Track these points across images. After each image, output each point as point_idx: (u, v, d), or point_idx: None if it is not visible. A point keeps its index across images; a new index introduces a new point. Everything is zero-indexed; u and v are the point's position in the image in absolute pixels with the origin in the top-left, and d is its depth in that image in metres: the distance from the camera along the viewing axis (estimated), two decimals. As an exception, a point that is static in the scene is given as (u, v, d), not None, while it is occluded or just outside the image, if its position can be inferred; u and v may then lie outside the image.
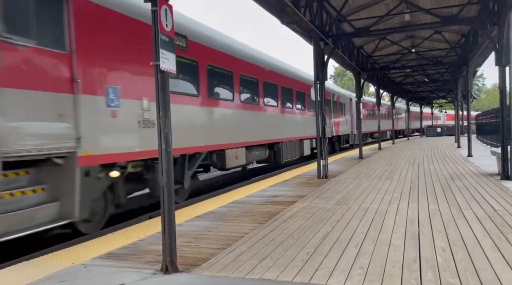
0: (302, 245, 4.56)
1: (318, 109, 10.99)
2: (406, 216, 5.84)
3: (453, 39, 17.17)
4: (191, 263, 4.08)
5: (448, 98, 44.62)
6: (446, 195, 7.41)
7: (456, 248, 4.25)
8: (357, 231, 5.08)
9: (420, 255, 4.06)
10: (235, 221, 5.92)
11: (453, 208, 6.25)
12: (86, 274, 3.89)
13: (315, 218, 5.93)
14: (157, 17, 3.79)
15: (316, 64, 11.20)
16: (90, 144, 5.91)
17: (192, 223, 5.88)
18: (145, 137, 7.07)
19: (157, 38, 3.80)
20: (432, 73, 26.44)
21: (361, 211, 6.30)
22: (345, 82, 72.17)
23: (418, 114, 47.31)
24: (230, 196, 8.17)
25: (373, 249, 4.31)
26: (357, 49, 17.75)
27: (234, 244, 4.69)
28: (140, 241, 5.02)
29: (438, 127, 43.40)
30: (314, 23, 10.87)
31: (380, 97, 25.22)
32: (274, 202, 7.32)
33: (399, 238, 4.71)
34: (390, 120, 30.62)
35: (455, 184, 8.74)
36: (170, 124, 3.96)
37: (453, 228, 5.06)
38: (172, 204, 3.96)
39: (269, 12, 10.73)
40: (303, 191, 8.47)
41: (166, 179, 3.90)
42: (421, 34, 16.78)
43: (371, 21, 12.70)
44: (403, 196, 7.44)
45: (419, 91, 36.05)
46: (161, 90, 3.89)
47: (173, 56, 4.01)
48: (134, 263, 4.15)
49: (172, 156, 3.97)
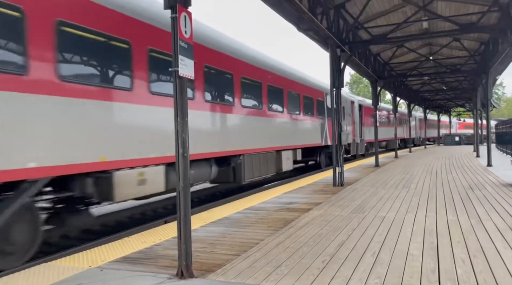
0: (317, 253, 4.52)
1: (334, 116, 10.94)
2: (424, 225, 5.74)
3: (472, 46, 16.93)
4: (206, 269, 4.08)
5: (467, 107, 43.91)
6: (465, 205, 7.26)
7: (476, 260, 4.15)
8: (373, 240, 5.01)
9: (439, 266, 3.98)
10: (250, 228, 5.91)
11: (473, 219, 6.12)
12: (102, 277, 3.92)
13: (330, 226, 5.87)
14: (177, 24, 3.84)
15: (333, 71, 11.17)
16: None
17: (207, 229, 5.89)
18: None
19: (176, 45, 3.85)
20: (450, 81, 26.08)
21: (378, 219, 6.22)
22: (361, 89, 71.72)
23: (424, 121, 45.00)
24: (245, 202, 8.16)
25: (390, 259, 4.24)
26: (374, 56, 17.64)
27: (249, 251, 4.67)
28: (155, 245, 5.05)
29: (456, 136, 42.70)
30: (331, 30, 10.86)
31: (396, 105, 24.97)
32: (289, 209, 7.28)
33: (417, 248, 4.63)
34: (395, 127, 28.27)
35: (474, 194, 8.57)
36: (188, 129, 3.99)
37: (473, 239, 4.95)
38: (188, 210, 3.98)
39: (286, 19, 10.76)
40: (319, 199, 8.41)
41: (182, 184, 3.92)
42: (439, 41, 16.60)
43: (389, 29, 12.63)
44: (420, 206, 7.32)
45: (437, 99, 35.59)
46: (179, 96, 3.93)
47: (192, 63, 4.05)
48: (150, 268, 4.17)
49: (188, 160, 3.99)
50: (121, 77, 6.69)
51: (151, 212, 9.97)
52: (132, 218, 9.41)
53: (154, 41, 7.41)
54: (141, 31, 7.10)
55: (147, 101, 7.10)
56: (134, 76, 6.87)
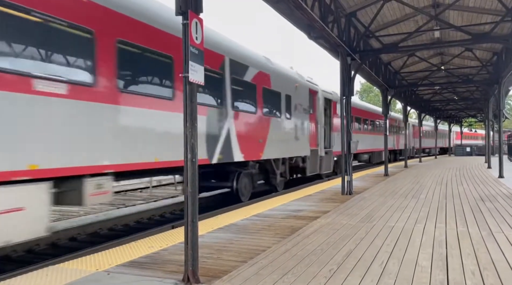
0: (325, 262, 4.48)
1: (344, 124, 10.90)
2: (433, 236, 5.66)
3: (485, 57, 16.80)
4: (213, 275, 4.07)
5: (479, 117, 43.46)
6: (475, 217, 7.15)
7: (487, 272, 4.08)
8: (381, 250, 4.96)
9: (448, 278, 3.91)
10: (257, 235, 5.88)
11: (484, 231, 6.02)
12: (109, 281, 3.93)
13: (338, 234, 5.82)
14: (188, 30, 3.87)
15: (343, 79, 11.15)
16: None
17: (214, 235, 5.88)
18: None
19: (187, 51, 3.88)
20: (462, 91, 25.86)
21: (386, 229, 6.16)
22: (371, 98, 71.45)
23: (423, 129, 39.06)
24: (252, 209, 8.15)
25: (398, 269, 4.19)
26: (385, 65, 17.59)
27: (256, 258, 4.65)
28: (162, 250, 5.05)
29: (467, 146, 42.22)
30: (342, 39, 10.86)
31: (407, 114, 24.81)
32: (296, 217, 7.24)
33: (426, 259, 4.56)
34: (391, 136, 26.22)
35: (485, 205, 8.44)
36: (197, 135, 4.00)
37: (483, 251, 4.87)
38: (196, 215, 3.98)
39: (297, 27, 10.79)
40: (327, 207, 8.35)
41: (190, 189, 3.93)
42: (451, 51, 16.50)
43: (400, 37, 12.59)
44: (430, 216, 7.23)
45: (448, 109, 35.28)
46: (189, 101, 3.96)
47: (202, 69, 4.08)
48: (157, 273, 4.17)
49: (197, 166, 4.00)
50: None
51: (158, 217, 10.00)
52: (139, 222, 9.45)
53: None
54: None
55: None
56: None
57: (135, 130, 6.80)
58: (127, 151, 6.59)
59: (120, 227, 8.89)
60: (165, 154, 7.36)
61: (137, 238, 6.70)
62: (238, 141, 9.99)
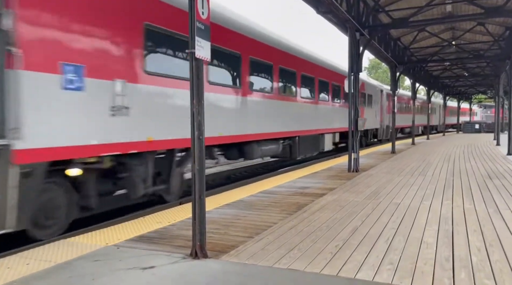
0: (330, 238, 4.52)
1: (351, 101, 10.81)
2: (439, 213, 5.68)
3: (497, 31, 16.39)
4: (220, 250, 4.13)
5: (489, 94, 42.81)
6: (483, 194, 7.14)
7: (492, 249, 4.10)
8: (387, 227, 4.99)
9: (453, 254, 3.94)
10: (264, 211, 5.94)
11: (490, 208, 6.03)
12: (118, 255, 4.01)
13: (344, 211, 5.86)
14: (194, 4, 3.80)
15: (351, 55, 10.98)
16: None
17: (221, 211, 5.95)
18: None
19: (193, 26, 3.82)
20: (472, 67, 25.40)
21: (392, 206, 6.18)
22: (379, 74, 70.50)
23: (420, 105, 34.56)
24: (260, 186, 8.20)
25: (404, 246, 4.22)
26: (394, 40, 17.26)
27: (262, 233, 4.71)
28: (170, 226, 5.13)
29: (476, 123, 41.78)
30: (350, 13, 10.62)
31: (416, 91, 24.49)
32: (303, 194, 7.29)
33: (432, 235, 4.59)
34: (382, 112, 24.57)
35: (492, 183, 8.41)
36: (203, 112, 3.99)
37: (490, 228, 4.88)
38: (203, 191, 4.01)
39: (304, 1, 10.57)
40: (333, 184, 8.38)
41: (198, 166, 3.95)
42: (462, 26, 16.12)
43: (410, 12, 12.29)
44: (436, 193, 7.24)
45: (457, 85, 34.73)
46: (195, 78, 3.92)
47: (208, 44, 4.02)
48: (165, 247, 4.24)
49: (204, 143, 4.01)
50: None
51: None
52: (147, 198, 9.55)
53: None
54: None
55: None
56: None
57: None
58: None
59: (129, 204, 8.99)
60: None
61: (145, 213, 6.79)
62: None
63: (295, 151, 12.83)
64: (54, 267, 3.68)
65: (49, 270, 3.61)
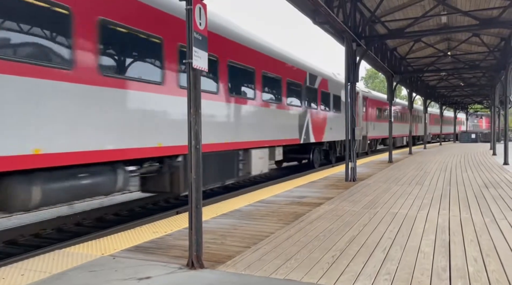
0: (327, 248, 4.51)
1: (348, 111, 10.87)
2: (436, 223, 5.68)
3: (492, 42, 16.57)
4: (216, 260, 4.11)
5: (485, 104, 43.08)
6: (479, 204, 7.15)
7: (489, 259, 4.10)
8: (384, 236, 4.98)
9: (450, 264, 3.94)
10: (261, 221, 5.93)
11: (487, 217, 6.03)
12: (114, 265, 3.99)
13: (341, 221, 5.85)
14: (191, 15, 3.84)
15: (348, 65, 11.06)
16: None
17: (218, 221, 5.93)
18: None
19: (190, 37, 3.85)
20: (468, 77, 25.60)
21: (389, 216, 6.18)
22: (376, 84, 70.88)
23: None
24: (257, 195, 8.19)
25: (401, 255, 4.21)
26: (390, 51, 17.41)
27: (259, 243, 4.70)
28: (167, 235, 5.11)
29: (472, 133, 41.98)
30: (347, 24, 10.73)
31: (412, 101, 24.62)
32: (300, 203, 7.28)
33: (429, 245, 4.59)
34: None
35: (489, 192, 8.43)
36: (200, 121, 4.00)
37: (486, 238, 4.89)
38: (200, 201, 4.01)
39: (301, 12, 10.68)
40: (330, 193, 8.38)
41: (194, 176, 3.95)
42: (458, 36, 16.28)
43: (406, 23, 12.43)
44: (433, 203, 7.24)
45: (454, 95, 34.96)
46: (193, 88, 3.94)
47: (205, 55, 4.05)
48: (161, 257, 4.22)
49: (201, 152, 4.01)
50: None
51: (163, 203, 10.08)
52: (144, 208, 9.53)
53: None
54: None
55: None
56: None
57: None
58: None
59: (125, 213, 8.97)
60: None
61: (142, 223, 6.77)
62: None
63: (177, 183, 7.66)
64: (49, 278, 3.65)
65: (44, 281, 3.58)
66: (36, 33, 5.14)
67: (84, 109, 5.70)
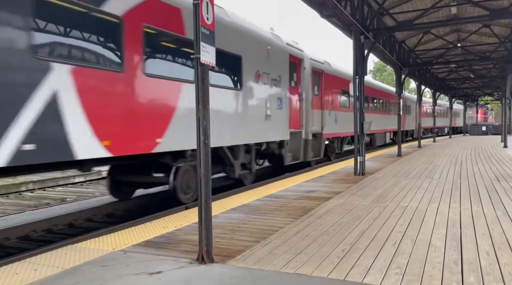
0: (337, 242, 4.50)
1: (356, 104, 10.79)
2: (447, 216, 5.64)
3: (503, 33, 16.30)
4: (226, 255, 4.13)
5: (495, 95, 42.55)
6: (491, 197, 7.08)
7: (501, 252, 4.06)
8: (394, 230, 4.96)
9: (462, 258, 3.91)
10: (270, 215, 5.93)
11: (499, 211, 5.97)
12: (126, 260, 4.02)
13: (351, 215, 5.83)
14: (199, 10, 3.82)
15: (356, 58, 10.97)
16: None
17: (227, 215, 5.94)
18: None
19: (198, 31, 3.84)
20: (479, 68, 25.26)
21: (399, 209, 6.14)
22: (384, 77, 70.32)
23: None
24: (265, 190, 8.19)
25: (411, 249, 4.19)
26: (399, 43, 17.22)
27: (269, 238, 4.70)
28: (177, 230, 5.13)
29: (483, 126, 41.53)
30: (355, 17, 10.63)
31: (421, 93, 24.39)
32: (309, 198, 7.27)
33: (440, 239, 4.55)
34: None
35: (501, 185, 8.34)
36: (209, 116, 4.00)
37: (498, 231, 4.84)
38: (209, 196, 4.01)
39: (308, 6, 10.59)
40: (339, 188, 8.35)
41: (203, 171, 3.96)
42: (468, 27, 16.05)
43: (415, 14, 12.27)
44: (444, 196, 7.19)
45: (463, 87, 34.55)
46: (201, 83, 3.94)
47: (213, 49, 4.04)
48: (171, 252, 4.25)
49: (209, 148, 4.02)
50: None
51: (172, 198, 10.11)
52: (154, 203, 9.58)
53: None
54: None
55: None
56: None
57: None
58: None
59: (135, 208, 9.03)
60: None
61: (152, 218, 6.81)
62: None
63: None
64: (61, 273, 3.70)
65: (56, 276, 3.63)
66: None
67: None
